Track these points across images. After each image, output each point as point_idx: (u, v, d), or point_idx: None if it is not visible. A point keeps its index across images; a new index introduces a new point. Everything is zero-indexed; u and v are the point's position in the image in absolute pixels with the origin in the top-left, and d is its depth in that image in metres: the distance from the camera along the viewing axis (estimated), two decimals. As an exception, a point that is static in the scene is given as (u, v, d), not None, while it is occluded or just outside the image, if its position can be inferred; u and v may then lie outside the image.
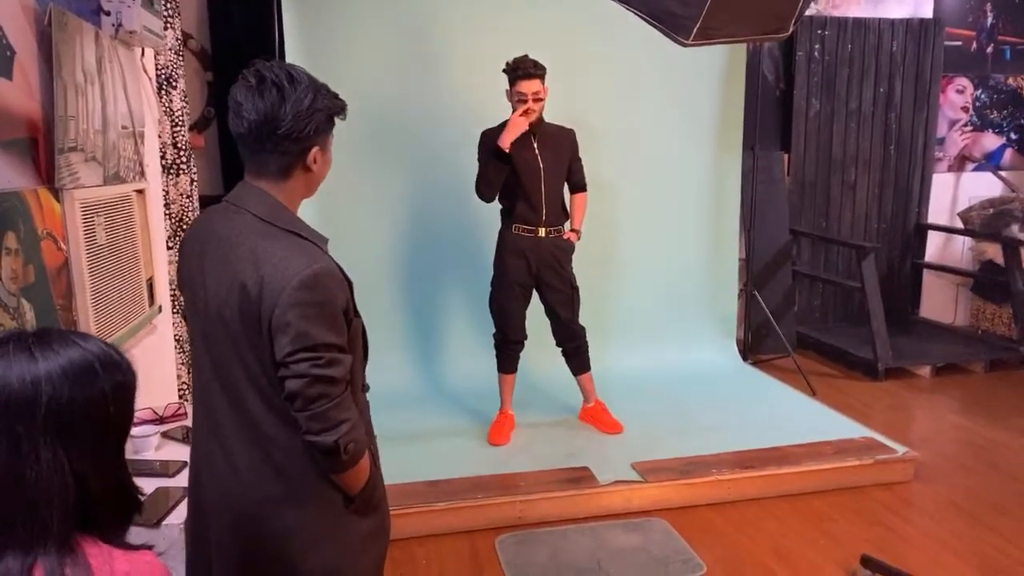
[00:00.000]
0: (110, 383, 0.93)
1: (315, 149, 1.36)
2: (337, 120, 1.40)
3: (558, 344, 3.61)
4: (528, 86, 3.22)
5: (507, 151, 3.23)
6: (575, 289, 3.52)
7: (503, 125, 3.31)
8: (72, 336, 0.94)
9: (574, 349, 3.60)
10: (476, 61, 3.95)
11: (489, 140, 3.30)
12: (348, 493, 1.38)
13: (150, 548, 0.96)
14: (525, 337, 3.55)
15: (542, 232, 3.41)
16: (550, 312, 3.55)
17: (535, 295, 3.54)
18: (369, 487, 1.40)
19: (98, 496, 0.91)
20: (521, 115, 3.24)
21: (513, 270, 3.44)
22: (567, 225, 3.52)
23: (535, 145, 3.35)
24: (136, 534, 1.66)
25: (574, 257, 3.53)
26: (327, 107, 1.35)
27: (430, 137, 4.17)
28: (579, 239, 3.54)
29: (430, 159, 4.20)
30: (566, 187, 3.53)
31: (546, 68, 3.26)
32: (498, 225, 3.51)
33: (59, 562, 0.86)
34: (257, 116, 1.29)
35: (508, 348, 3.54)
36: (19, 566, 0.85)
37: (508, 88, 3.29)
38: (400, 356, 4.26)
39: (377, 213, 4.24)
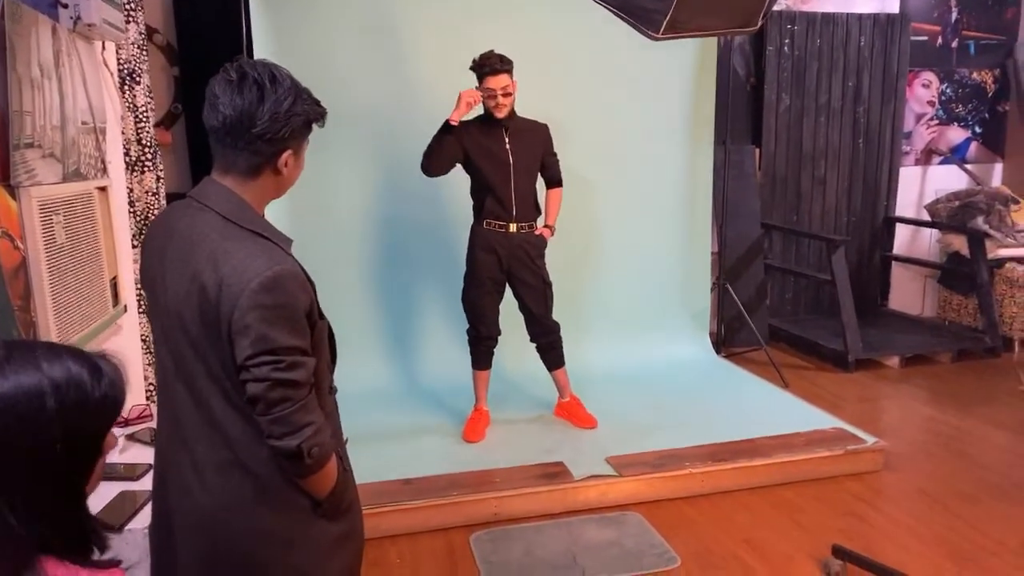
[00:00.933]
0: (61, 417, 0.82)
1: (287, 153, 1.33)
2: (315, 126, 1.37)
3: (532, 340, 3.60)
4: (496, 82, 3.21)
5: (453, 124, 3.24)
6: (548, 284, 3.51)
7: (479, 118, 3.32)
8: (41, 355, 0.84)
9: (548, 344, 3.59)
10: (447, 55, 3.91)
11: (460, 129, 3.27)
12: (315, 497, 1.36)
13: (118, 564, 0.90)
14: (499, 333, 3.53)
15: (513, 227, 3.40)
16: (523, 308, 3.53)
17: (509, 291, 3.53)
18: (338, 491, 1.38)
19: (49, 538, 0.84)
20: (494, 108, 3.24)
21: (484, 265, 3.42)
22: (540, 220, 3.52)
23: (506, 139, 3.33)
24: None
25: (547, 252, 3.53)
26: (306, 112, 1.33)
27: (402, 132, 4.12)
28: (552, 235, 3.53)
29: (401, 155, 4.14)
30: (541, 182, 3.53)
31: (513, 62, 3.24)
32: (470, 221, 3.49)
33: None
34: (233, 112, 1.27)
35: (482, 344, 3.53)
36: None
37: (477, 85, 3.27)
38: (373, 353, 4.23)
39: (349, 210, 4.20)
